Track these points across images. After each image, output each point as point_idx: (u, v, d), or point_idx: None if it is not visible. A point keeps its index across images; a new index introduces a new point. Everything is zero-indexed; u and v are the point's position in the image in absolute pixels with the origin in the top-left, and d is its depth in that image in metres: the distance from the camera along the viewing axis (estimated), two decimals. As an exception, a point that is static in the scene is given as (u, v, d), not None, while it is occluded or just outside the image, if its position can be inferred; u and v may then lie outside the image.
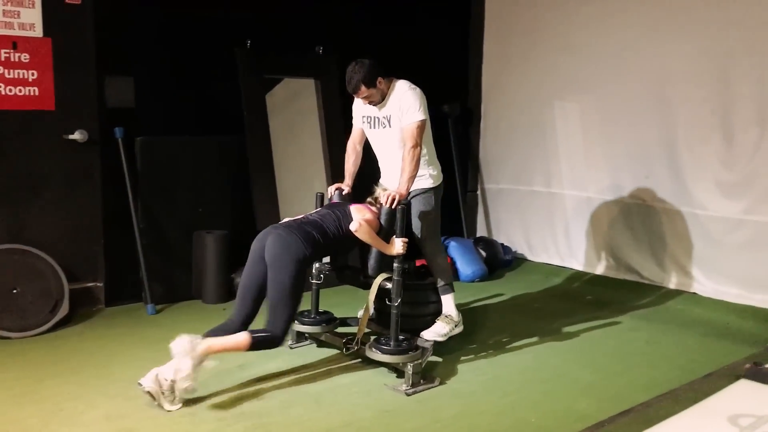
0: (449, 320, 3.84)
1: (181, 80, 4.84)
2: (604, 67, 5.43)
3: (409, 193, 3.67)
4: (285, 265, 3.27)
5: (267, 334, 3.27)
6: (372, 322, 3.81)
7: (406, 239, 3.52)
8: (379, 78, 3.62)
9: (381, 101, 3.69)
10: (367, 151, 3.99)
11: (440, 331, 3.79)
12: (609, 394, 3.39)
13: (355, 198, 3.86)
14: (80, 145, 4.43)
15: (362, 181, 3.99)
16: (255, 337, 3.23)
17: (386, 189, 3.69)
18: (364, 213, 3.57)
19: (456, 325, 3.87)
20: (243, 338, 3.22)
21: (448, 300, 3.89)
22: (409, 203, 3.66)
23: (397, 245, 3.49)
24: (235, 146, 4.99)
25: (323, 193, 4.03)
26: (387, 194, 3.56)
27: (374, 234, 3.51)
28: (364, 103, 3.74)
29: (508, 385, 3.50)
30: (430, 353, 3.61)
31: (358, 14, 5.56)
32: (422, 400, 3.30)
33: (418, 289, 3.91)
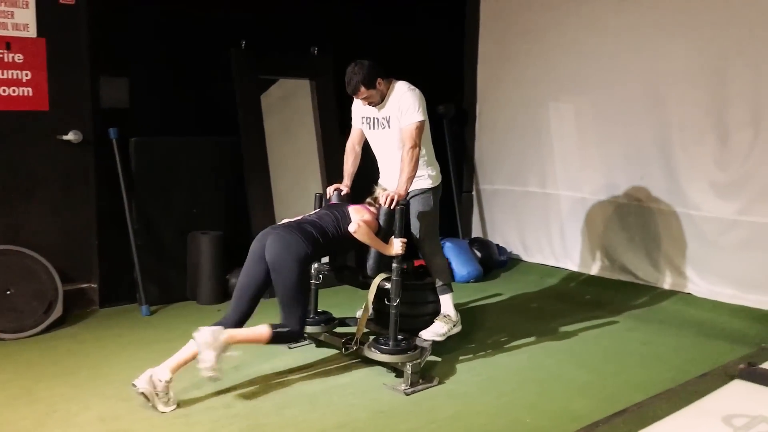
0: (448, 320, 3.85)
1: (175, 81, 4.83)
2: (599, 68, 5.45)
3: (408, 194, 3.68)
4: (287, 266, 3.29)
5: (286, 329, 3.32)
6: (371, 322, 3.82)
7: (405, 239, 3.53)
8: (378, 79, 3.62)
9: (380, 102, 3.69)
10: (366, 151, 3.99)
11: (439, 330, 3.80)
12: (604, 394, 3.40)
13: (353, 199, 3.86)
14: (74, 146, 4.42)
15: (361, 181, 4.00)
16: (276, 331, 3.29)
17: (386, 189, 3.69)
18: (362, 214, 3.58)
19: (454, 325, 3.88)
20: (264, 331, 3.28)
21: (446, 300, 3.90)
22: (407, 203, 3.67)
23: (396, 245, 3.50)
24: (230, 147, 4.98)
25: (322, 193, 4.03)
26: (386, 194, 3.57)
27: (373, 235, 3.51)
28: (364, 104, 3.75)
29: (504, 385, 3.51)
30: (428, 353, 3.62)
31: (352, 15, 5.56)
32: (418, 401, 3.30)
33: (416, 289, 3.92)
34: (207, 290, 4.78)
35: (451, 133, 6.17)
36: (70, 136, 4.39)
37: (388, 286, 3.53)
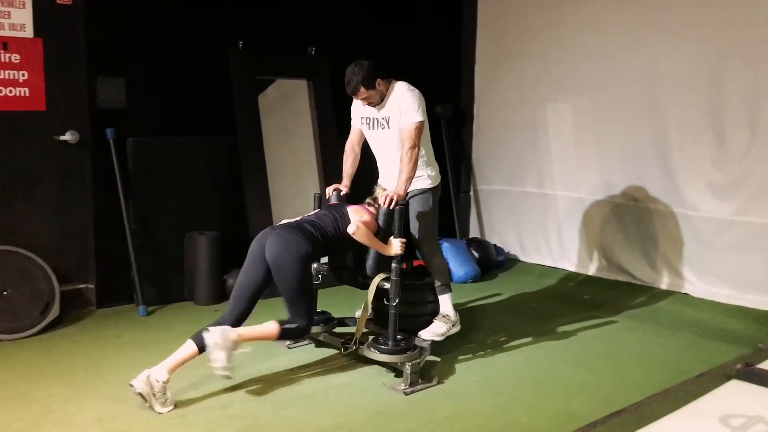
0: (447, 320, 3.85)
1: (173, 81, 4.83)
2: (597, 69, 5.45)
3: (407, 194, 3.68)
4: (289, 265, 3.30)
5: (294, 325, 3.35)
6: (370, 321, 3.82)
7: (404, 239, 3.54)
8: (378, 79, 3.62)
9: (380, 102, 3.70)
10: (365, 152, 3.99)
11: (438, 330, 3.80)
12: (601, 394, 3.40)
13: (352, 199, 3.87)
14: (71, 146, 4.42)
15: (360, 182, 4.00)
16: (284, 327, 3.32)
17: (386, 189, 3.70)
18: (361, 214, 3.58)
19: (453, 325, 3.89)
20: (273, 327, 3.31)
21: (445, 300, 3.91)
22: (407, 204, 3.68)
23: (395, 246, 3.51)
24: (227, 147, 4.98)
25: (321, 194, 4.03)
26: (385, 195, 3.57)
27: (372, 236, 3.51)
28: (363, 105, 3.75)
29: (501, 385, 3.51)
30: (428, 353, 3.62)
31: (350, 15, 5.56)
32: (415, 401, 3.30)
33: (415, 289, 3.92)
34: (204, 291, 4.77)
35: (448, 133, 6.18)
36: (67, 137, 4.38)
37: (387, 286, 3.54)
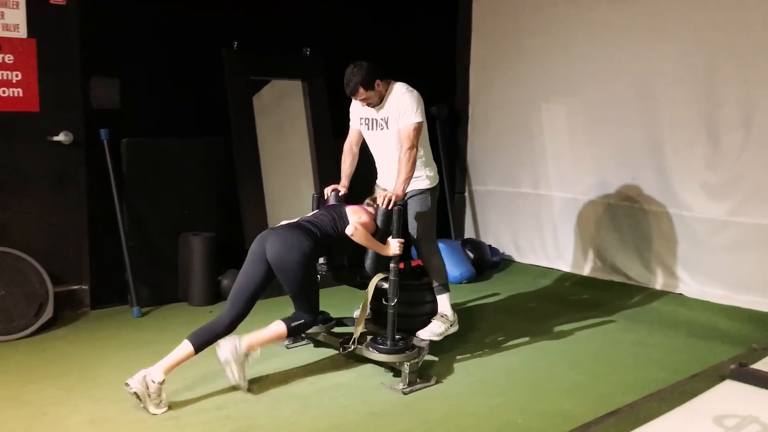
0: (445, 320, 3.87)
1: (167, 81, 4.81)
2: (591, 70, 5.46)
3: (406, 194, 3.69)
4: (291, 262, 3.32)
5: (301, 320, 3.41)
6: (368, 321, 3.83)
7: (403, 240, 3.55)
8: (377, 80, 3.63)
9: (379, 103, 3.71)
10: (364, 152, 3.99)
11: (436, 330, 3.81)
12: (595, 394, 3.40)
13: (350, 199, 3.87)
14: (65, 147, 4.40)
15: (359, 182, 4.01)
16: (291, 326, 3.39)
17: (386, 190, 3.70)
18: (360, 215, 3.60)
19: (451, 325, 3.90)
20: (280, 328, 3.37)
21: (443, 300, 3.93)
22: (405, 204, 3.68)
23: (393, 246, 3.52)
24: (221, 148, 4.97)
25: (319, 194, 4.04)
26: (383, 195, 3.58)
27: (370, 236, 3.52)
28: (362, 105, 3.76)
29: (496, 386, 3.51)
30: (426, 352, 3.64)
31: (345, 16, 5.56)
32: (410, 402, 3.30)
33: (414, 289, 3.93)
34: (199, 291, 4.76)
35: (443, 134, 6.18)
36: (61, 137, 4.37)
37: (385, 286, 3.55)
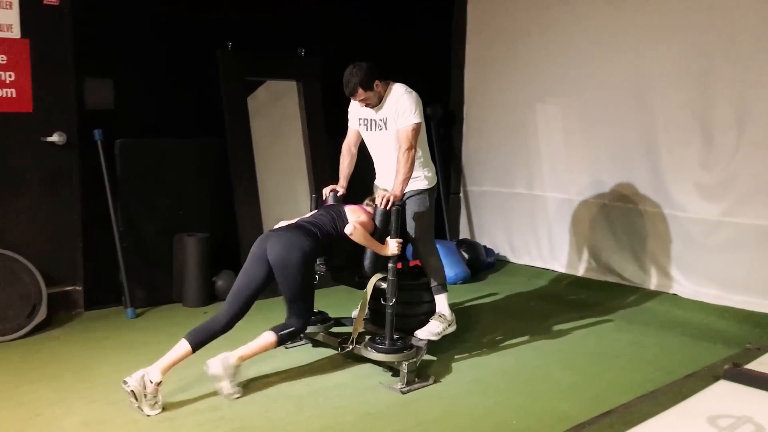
0: (443, 319, 3.88)
1: (161, 82, 4.80)
2: (586, 71, 5.47)
3: (404, 195, 3.70)
4: (292, 263, 3.32)
5: (291, 328, 3.39)
6: (366, 321, 3.85)
7: (401, 240, 3.56)
8: (376, 81, 3.64)
9: (378, 104, 3.71)
10: (362, 153, 4.00)
11: (434, 330, 3.82)
12: (590, 395, 3.41)
13: (349, 200, 3.88)
14: (59, 148, 4.38)
15: (356, 183, 4.01)
16: (281, 334, 3.36)
17: (386, 190, 3.71)
18: (359, 214, 3.61)
19: (449, 324, 3.91)
20: (270, 338, 3.35)
21: (441, 300, 3.94)
22: (403, 204, 3.69)
23: (392, 246, 3.53)
24: (216, 148, 4.96)
25: (318, 195, 4.05)
26: (382, 195, 3.59)
27: (368, 236, 3.53)
28: (361, 106, 3.76)
29: (491, 386, 3.51)
30: (424, 352, 3.65)
31: (340, 16, 5.56)
32: (405, 403, 3.30)
33: (412, 288, 3.93)
34: (193, 292, 4.75)
35: (438, 134, 6.18)
36: (55, 138, 4.35)
37: (384, 286, 3.57)
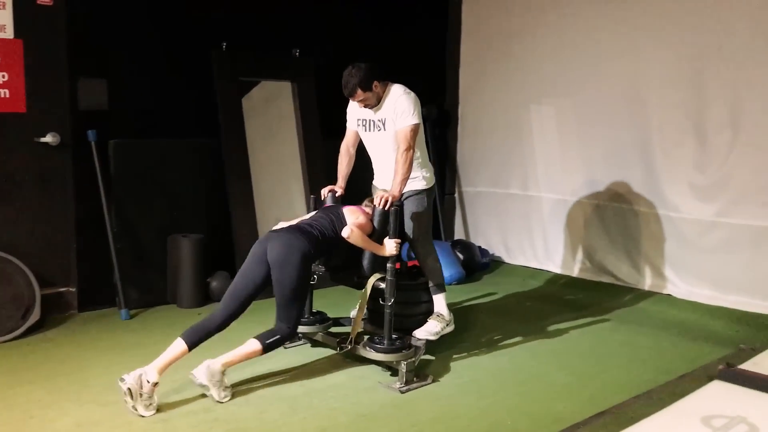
0: (441, 319, 3.89)
1: (155, 82, 4.78)
2: (580, 72, 5.48)
3: (402, 195, 3.71)
4: (290, 263, 3.33)
5: (277, 336, 3.37)
6: (364, 321, 3.86)
7: (399, 240, 3.57)
8: (375, 82, 3.64)
9: (376, 104, 3.72)
10: (360, 154, 4.00)
11: (432, 329, 3.83)
12: (585, 395, 3.41)
13: (347, 200, 3.89)
14: (52, 148, 4.37)
15: (355, 183, 4.02)
16: (266, 343, 3.33)
17: (385, 191, 3.72)
18: (357, 215, 3.62)
19: (447, 324, 3.92)
20: (256, 346, 3.32)
21: (439, 299, 3.95)
22: (401, 204, 3.70)
23: (390, 247, 3.53)
24: (210, 149, 4.95)
25: (316, 196, 4.05)
26: (380, 196, 3.59)
27: (366, 238, 3.54)
28: (360, 106, 3.77)
29: (485, 387, 3.51)
30: (422, 352, 3.66)
31: (336, 17, 5.56)
32: (400, 404, 3.30)
33: (410, 289, 3.94)
34: (187, 294, 4.73)
35: (433, 135, 6.18)
36: (48, 139, 4.34)
37: (382, 286, 3.57)
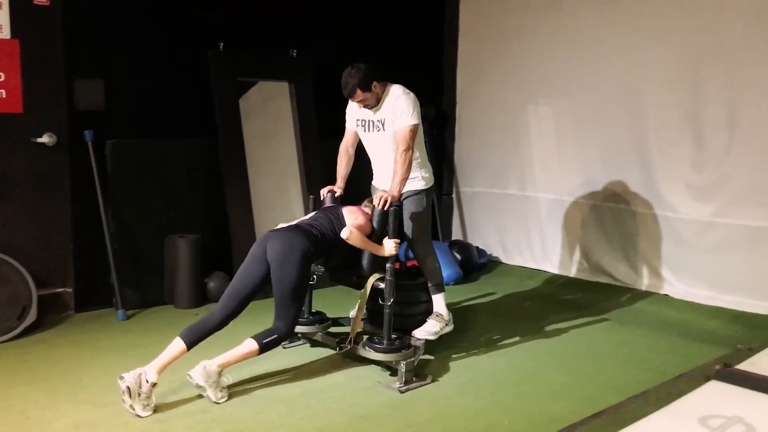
0: (440, 319, 3.89)
1: (152, 82, 4.78)
2: (578, 72, 5.48)
3: (402, 195, 3.71)
4: (290, 262, 3.33)
5: (274, 336, 3.36)
6: (363, 321, 3.86)
7: (398, 240, 3.57)
8: (374, 82, 3.65)
9: (376, 105, 3.73)
10: (360, 154, 4.00)
11: (431, 329, 3.84)
12: (582, 395, 3.41)
13: (347, 200, 3.89)
14: (49, 149, 4.36)
15: (353, 183, 4.02)
16: (263, 343, 3.32)
17: (385, 191, 3.72)
18: (356, 216, 3.62)
19: (446, 324, 3.93)
20: (253, 346, 3.32)
21: (438, 299, 3.95)
22: (401, 205, 3.70)
23: (389, 247, 3.53)
24: (207, 150, 4.94)
25: (315, 196, 4.05)
26: (380, 196, 3.60)
27: (365, 238, 3.55)
28: (359, 107, 3.77)
29: (483, 387, 3.51)
30: (422, 351, 3.67)
31: (332, 17, 5.55)
32: (397, 404, 3.29)
33: (409, 289, 3.94)
34: (185, 294, 4.73)
35: (431, 135, 6.18)
36: (45, 139, 4.33)
37: (381, 286, 3.57)
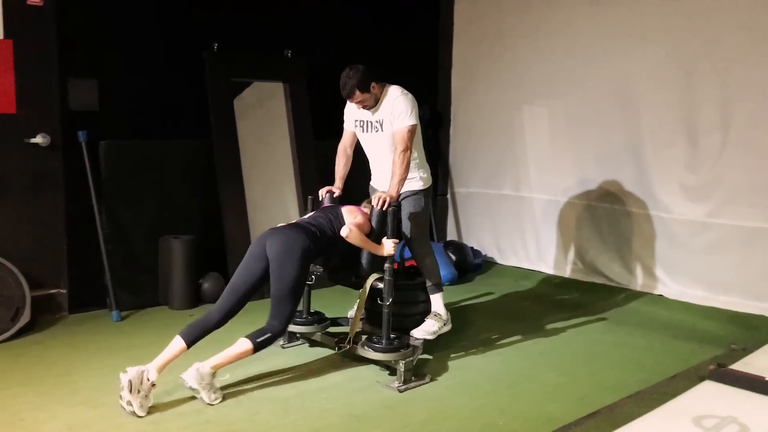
0: (438, 318, 3.91)
1: (146, 83, 4.76)
2: (572, 73, 5.49)
3: (400, 195, 3.72)
4: (290, 259, 3.33)
5: (267, 335, 3.33)
6: (362, 321, 3.86)
7: (397, 240, 3.58)
8: (372, 83, 3.67)
9: (374, 106, 3.74)
10: (358, 154, 4.00)
11: (430, 329, 3.85)
12: (576, 396, 3.42)
13: (345, 200, 3.89)
14: (43, 149, 4.34)
15: (353, 184, 4.02)
16: (257, 342, 3.30)
17: (383, 192, 3.72)
18: (355, 215, 3.63)
19: (445, 324, 3.94)
20: (246, 346, 3.29)
21: (436, 299, 3.96)
22: (399, 205, 3.71)
23: (388, 246, 3.54)
24: (202, 150, 4.93)
25: (314, 197, 4.05)
26: (378, 196, 3.60)
27: (365, 237, 3.56)
28: (358, 108, 3.78)
29: (477, 388, 3.51)
30: (420, 351, 3.67)
31: (329, 18, 5.55)
32: (391, 405, 3.29)
33: (407, 288, 3.95)
34: (179, 295, 4.72)
35: (426, 136, 6.16)
36: (38, 139, 4.31)
37: (380, 286, 3.58)
